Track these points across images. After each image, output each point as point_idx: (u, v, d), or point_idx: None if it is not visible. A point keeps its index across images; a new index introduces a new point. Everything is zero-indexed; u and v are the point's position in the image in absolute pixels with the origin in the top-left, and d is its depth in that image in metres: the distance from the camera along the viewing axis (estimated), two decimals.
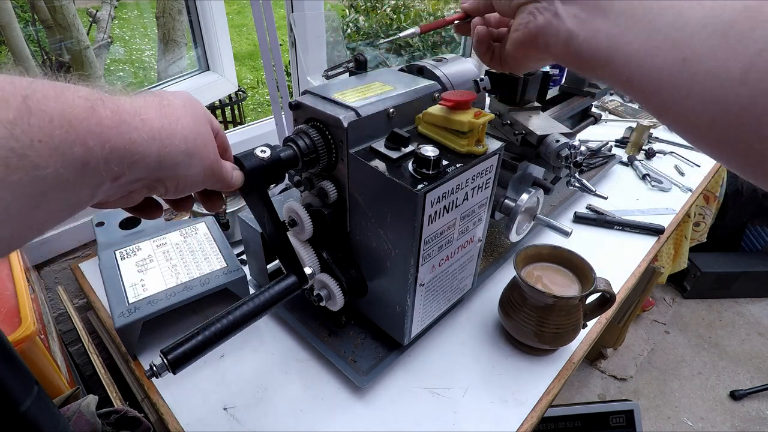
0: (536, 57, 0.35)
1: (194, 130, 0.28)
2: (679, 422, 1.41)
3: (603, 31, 0.27)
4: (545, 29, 0.31)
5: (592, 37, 0.28)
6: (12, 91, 0.18)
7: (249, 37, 4.42)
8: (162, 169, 0.25)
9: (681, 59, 0.22)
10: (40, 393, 0.32)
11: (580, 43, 0.28)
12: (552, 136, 0.64)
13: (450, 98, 0.42)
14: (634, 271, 0.74)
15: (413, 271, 0.45)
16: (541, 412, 0.53)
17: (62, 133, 0.19)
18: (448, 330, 0.62)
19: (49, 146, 0.18)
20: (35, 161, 0.18)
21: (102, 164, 0.21)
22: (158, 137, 0.24)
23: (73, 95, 0.20)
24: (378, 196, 0.43)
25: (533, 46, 0.33)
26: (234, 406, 0.52)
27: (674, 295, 1.87)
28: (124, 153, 0.22)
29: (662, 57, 0.23)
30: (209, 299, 0.57)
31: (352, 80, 0.49)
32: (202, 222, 0.67)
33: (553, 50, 0.31)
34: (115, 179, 0.23)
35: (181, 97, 0.29)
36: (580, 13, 0.28)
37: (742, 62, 0.19)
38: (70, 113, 0.19)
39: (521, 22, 0.33)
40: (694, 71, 0.21)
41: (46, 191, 0.19)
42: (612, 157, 1.01)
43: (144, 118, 0.24)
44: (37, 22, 1.19)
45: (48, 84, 0.20)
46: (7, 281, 0.52)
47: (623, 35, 0.25)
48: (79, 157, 0.20)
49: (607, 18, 0.27)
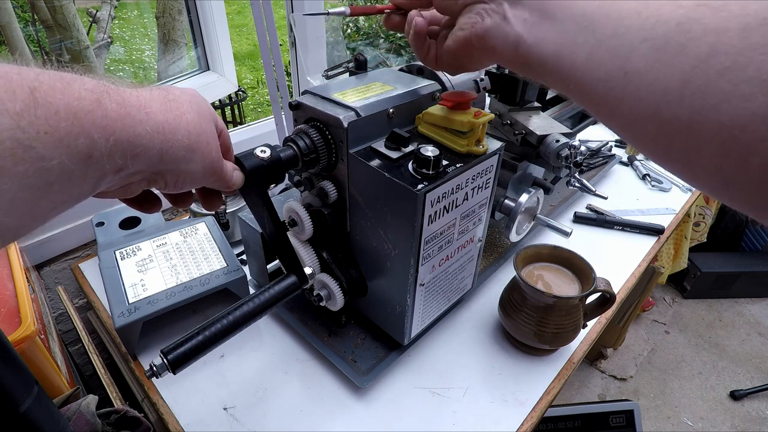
0: (479, 58, 0.35)
1: (198, 126, 0.28)
2: (679, 422, 1.41)
3: (550, 38, 0.27)
4: (492, 31, 0.31)
5: (539, 42, 0.28)
6: (20, 82, 0.18)
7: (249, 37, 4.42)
8: (163, 163, 0.25)
9: (623, 72, 0.22)
10: (40, 393, 0.32)
11: (528, 47, 0.29)
12: (552, 136, 0.64)
13: (450, 98, 0.42)
14: (634, 271, 0.74)
15: (413, 271, 0.45)
16: (541, 412, 0.53)
17: (68, 125, 0.19)
18: (448, 330, 0.62)
19: (55, 138, 0.19)
20: (41, 153, 0.18)
21: (106, 156, 0.21)
22: (162, 131, 0.25)
23: (80, 87, 0.20)
24: (378, 196, 0.43)
25: (479, 46, 0.33)
26: (234, 406, 0.52)
27: (674, 295, 1.87)
28: (127, 146, 0.22)
29: (605, 70, 0.24)
30: (209, 299, 0.57)
31: (352, 80, 0.49)
32: (202, 222, 0.67)
33: (500, 53, 0.31)
34: (118, 171, 0.23)
35: (188, 94, 0.29)
36: (529, 18, 0.29)
37: (679, 77, 0.20)
38: (76, 106, 0.20)
39: (467, 21, 0.32)
40: (636, 84, 0.22)
41: (52, 182, 0.19)
42: (612, 157, 1.01)
43: (149, 111, 0.24)
44: (37, 22, 1.19)
45: (55, 75, 0.20)
46: (7, 281, 0.52)
47: (569, 44, 0.26)
48: (84, 149, 0.20)
49: (554, 24, 0.27)
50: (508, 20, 0.30)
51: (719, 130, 0.19)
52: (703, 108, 0.19)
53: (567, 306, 0.53)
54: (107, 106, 0.21)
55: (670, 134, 0.21)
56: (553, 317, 0.53)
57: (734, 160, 0.19)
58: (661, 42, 0.21)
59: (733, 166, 0.19)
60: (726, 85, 0.18)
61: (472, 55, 0.34)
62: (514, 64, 0.31)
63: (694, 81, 0.19)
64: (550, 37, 0.27)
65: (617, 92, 0.23)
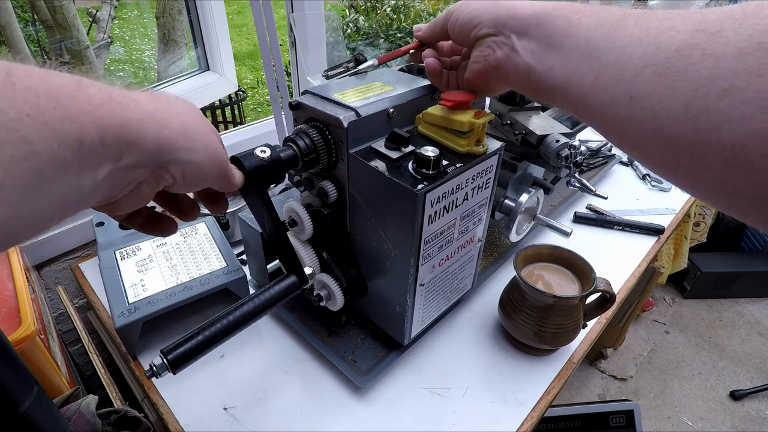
0: (496, 86, 0.38)
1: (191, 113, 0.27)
2: (679, 422, 1.41)
3: (557, 66, 0.29)
4: (504, 62, 0.33)
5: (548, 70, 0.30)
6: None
7: (249, 37, 4.42)
8: (162, 153, 0.25)
9: (628, 97, 0.24)
10: (40, 393, 0.32)
11: (539, 75, 0.31)
12: (552, 136, 0.64)
13: (450, 98, 0.42)
14: (634, 271, 0.74)
15: (413, 271, 0.45)
16: (541, 412, 0.53)
17: (51, 109, 0.19)
18: (448, 330, 0.62)
19: (39, 121, 0.18)
20: (25, 135, 0.17)
21: (98, 143, 0.21)
22: (153, 119, 0.24)
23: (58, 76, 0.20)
24: (378, 196, 0.43)
25: (494, 76, 0.35)
26: (234, 406, 0.52)
27: (674, 295, 1.87)
28: (119, 131, 0.22)
29: (611, 95, 0.25)
30: (209, 299, 0.57)
31: (352, 80, 0.49)
32: (202, 222, 0.67)
33: (513, 81, 0.34)
34: (116, 161, 0.22)
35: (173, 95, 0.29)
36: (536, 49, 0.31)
37: (682, 101, 0.21)
38: (57, 91, 0.19)
39: (480, 54, 0.35)
40: (640, 108, 0.23)
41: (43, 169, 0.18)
42: (612, 157, 1.01)
43: (136, 99, 0.23)
44: (37, 22, 1.19)
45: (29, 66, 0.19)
46: (7, 281, 0.52)
47: (576, 72, 0.28)
48: (72, 133, 0.19)
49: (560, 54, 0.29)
50: (517, 51, 0.32)
51: (722, 149, 0.20)
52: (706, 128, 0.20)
53: (567, 306, 0.53)
54: (89, 91, 0.21)
55: (676, 154, 0.22)
56: (553, 317, 0.53)
57: (739, 176, 0.20)
58: (663, 68, 0.22)
59: (738, 182, 0.20)
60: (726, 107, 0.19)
61: (489, 84, 0.38)
62: (527, 90, 0.33)
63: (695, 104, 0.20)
64: (558, 65, 0.29)
65: (623, 116, 0.24)
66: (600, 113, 0.26)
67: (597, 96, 0.26)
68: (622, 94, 0.24)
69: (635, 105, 0.23)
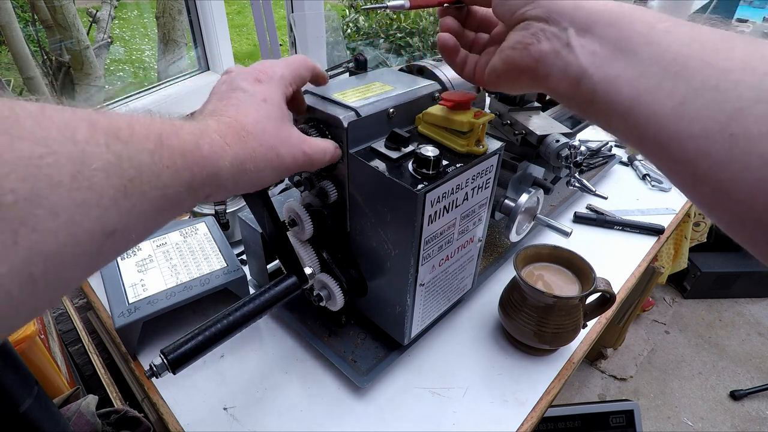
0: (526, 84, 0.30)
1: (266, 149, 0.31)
2: (679, 422, 1.41)
3: (625, 78, 0.23)
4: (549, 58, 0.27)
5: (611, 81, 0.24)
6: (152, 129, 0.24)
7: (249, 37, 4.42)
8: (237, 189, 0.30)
9: (728, 134, 0.19)
10: (40, 393, 0.32)
11: (595, 85, 0.25)
12: (552, 136, 0.64)
13: (450, 98, 0.42)
14: (634, 271, 0.74)
15: (413, 271, 0.45)
16: (541, 412, 0.53)
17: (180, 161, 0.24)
18: (448, 330, 0.62)
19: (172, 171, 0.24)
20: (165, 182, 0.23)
21: (200, 187, 0.26)
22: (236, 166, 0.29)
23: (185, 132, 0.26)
24: (378, 196, 0.43)
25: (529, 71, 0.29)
26: (234, 406, 0.52)
27: (674, 295, 1.87)
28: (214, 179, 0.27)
29: (701, 126, 0.20)
30: (209, 299, 0.57)
31: (352, 80, 0.49)
32: (202, 222, 0.67)
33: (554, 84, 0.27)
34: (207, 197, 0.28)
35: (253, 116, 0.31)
36: (600, 51, 0.25)
37: None
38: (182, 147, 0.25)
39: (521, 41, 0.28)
40: (745, 151, 0.18)
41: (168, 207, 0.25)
42: (612, 157, 1.01)
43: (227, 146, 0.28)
44: (37, 22, 1.19)
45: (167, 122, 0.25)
46: None
47: (653, 90, 0.22)
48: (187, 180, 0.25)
49: (632, 63, 0.23)
50: (572, 49, 0.26)
51: None
52: None
53: (567, 306, 0.53)
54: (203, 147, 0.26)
55: None
56: (553, 317, 0.53)
57: None
58: None
59: None
60: None
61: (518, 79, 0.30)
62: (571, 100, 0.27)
63: None
64: (626, 77, 0.23)
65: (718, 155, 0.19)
66: (678, 146, 0.21)
67: (679, 125, 0.21)
68: (720, 129, 0.19)
69: (737, 145, 0.19)
